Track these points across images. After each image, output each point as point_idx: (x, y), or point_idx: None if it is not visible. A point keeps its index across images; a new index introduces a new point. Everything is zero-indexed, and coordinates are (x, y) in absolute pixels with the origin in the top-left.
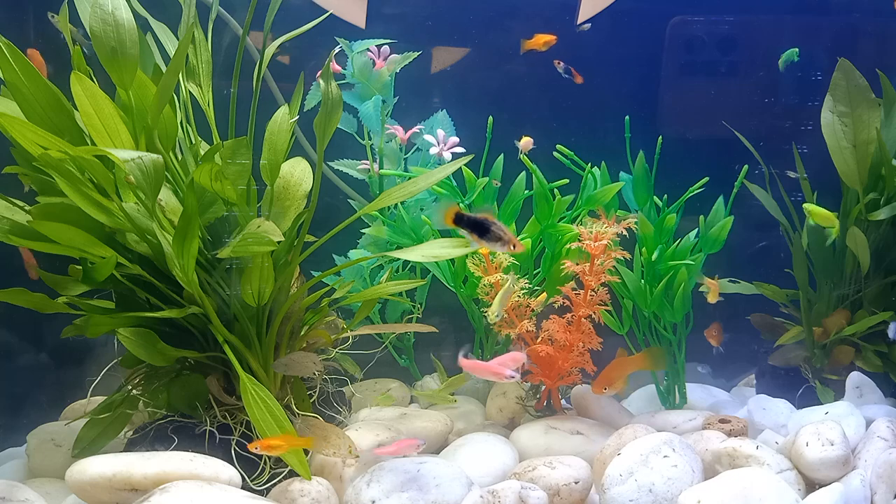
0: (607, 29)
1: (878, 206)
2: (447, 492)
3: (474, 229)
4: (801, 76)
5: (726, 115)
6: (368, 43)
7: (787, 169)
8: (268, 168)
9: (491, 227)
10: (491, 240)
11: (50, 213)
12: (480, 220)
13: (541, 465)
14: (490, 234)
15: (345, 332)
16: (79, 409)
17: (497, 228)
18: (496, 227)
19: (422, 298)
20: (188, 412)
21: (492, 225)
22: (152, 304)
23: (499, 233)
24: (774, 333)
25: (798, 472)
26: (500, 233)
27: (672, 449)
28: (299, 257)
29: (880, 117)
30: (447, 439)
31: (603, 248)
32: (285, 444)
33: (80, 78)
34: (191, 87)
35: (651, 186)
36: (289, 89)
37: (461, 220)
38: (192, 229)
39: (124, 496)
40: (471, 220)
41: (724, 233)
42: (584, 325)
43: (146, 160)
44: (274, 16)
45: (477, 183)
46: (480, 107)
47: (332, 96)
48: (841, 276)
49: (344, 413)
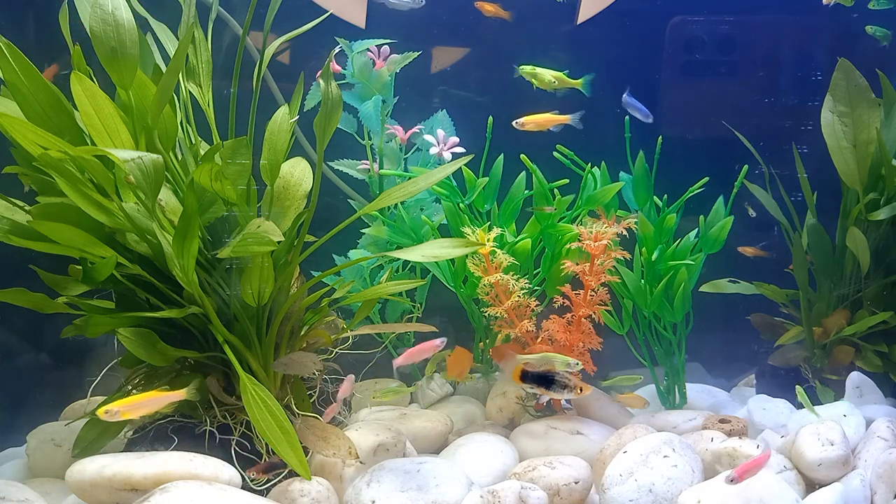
0: (607, 29)
1: (878, 206)
2: (447, 492)
3: (540, 383)
4: (801, 76)
5: (726, 115)
6: (368, 43)
7: (787, 169)
8: (268, 168)
9: (555, 378)
10: (557, 390)
11: (50, 213)
12: (544, 374)
13: (541, 465)
14: (556, 385)
15: (345, 332)
16: (79, 409)
17: (560, 378)
18: (560, 377)
19: (422, 298)
20: (188, 412)
21: (555, 376)
22: (152, 304)
23: (563, 381)
24: (774, 333)
25: (798, 472)
26: (565, 381)
27: (672, 449)
28: (299, 257)
29: (880, 117)
30: (447, 439)
31: (603, 248)
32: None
33: (80, 78)
34: (191, 87)
35: (651, 186)
36: (289, 89)
37: (527, 376)
38: (192, 229)
39: (124, 496)
40: (535, 375)
41: (724, 233)
42: (584, 325)
43: (146, 160)
44: (274, 16)
45: (477, 183)
46: (480, 107)
47: (332, 96)
48: (841, 276)
49: (344, 413)
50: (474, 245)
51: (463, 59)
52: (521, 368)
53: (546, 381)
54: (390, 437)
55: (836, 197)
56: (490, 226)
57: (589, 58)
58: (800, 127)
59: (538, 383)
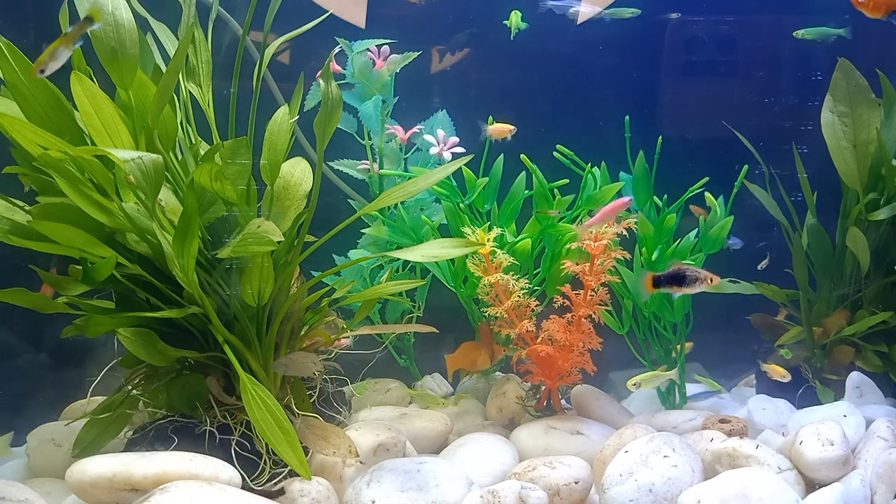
0: (608, 29)
1: (878, 206)
2: (447, 492)
3: (674, 282)
4: (801, 76)
5: (726, 115)
6: (368, 43)
7: (787, 169)
8: (268, 168)
9: (686, 274)
10: (690, 284)
11: (50, 213)
12: (675, 273)
13: (541, 465)
14: (687, 280)
15: (345, 332)
16: (79, 409)
17: (691, 272)
18: (690, 272)
19: (422, 298)
20: (188, 412)
21: (686, 271)
22: (152, 304)
23: (694, 275)
24: (774, 333)
25: (798, 472)
26: (695, 275)
27: (672, 449)
28: (299, 257)
29: (880, 117)
30: (447, 439)
31: (603, 248)
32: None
33: (80, 78)
34: (191, 87)
35: (651, 186)
36: (289, 89)
37: (660, 281)
38: (192, 229)
39: (124, 496)
40: (667, 277)
41: (724, 233)
42: (584, 325)
43: (146, 160)
44: (274, 16)
45: (477, 183)
46: (480, 107)
47: (332, 96)
48: (841, 276)
49: (344, 413)
50: (474, 245)
51: (463, 59)
52: (651, 276)
53: (679, 280)
54: (390, 437)
55: (836, 197)
56: (490, 226)
57: (589, 57)
58: (800, 127)
59: (671, 283)
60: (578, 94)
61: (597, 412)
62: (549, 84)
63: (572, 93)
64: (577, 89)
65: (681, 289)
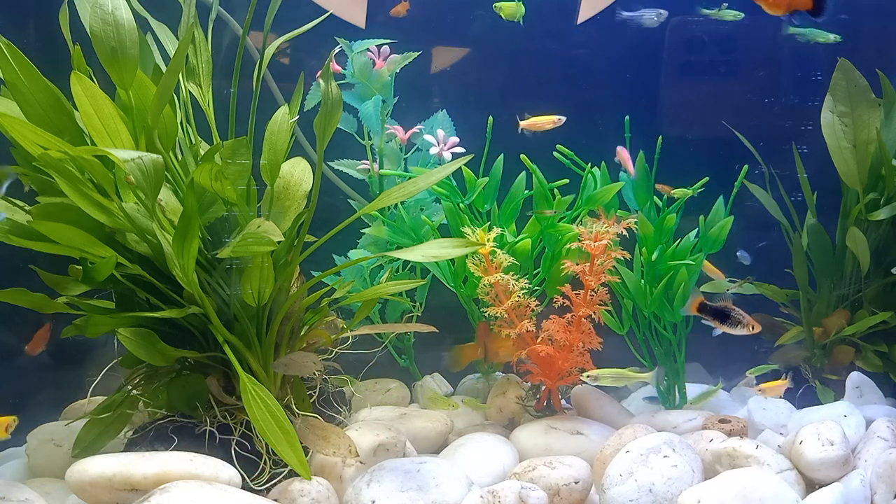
0: (608, 29)
1: (878, 206)
2: (447, 492)
3: (718, 316)
4: (801, 76)
5: (726, 115)
6: (368, 43)
7: (787, 169)
8: (268, 168)
9: (732, 314)
10: (732, 325)
11: (50, 213)
12: (722, 309)
13: (541, 465)
14: (730, 320)
15: (345, 332)
16: (79, 409)
17: (737, 314)
18: (736, 314)
19: (422, 298)
20: (188, 412)
21: (731, 312)
22: (152, 304)
23: (738, 318)
24: (774, 333)
25: (798, 472)
26: (740, 318)
27: (672, 449)
28: (299, 257)
29: (880, 117)
30: (447, 439)
31: (603, 248)
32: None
33: (80, 78)
34: (191, 87)
35: (651, 186)
36: (289, 89)
37: (705, 308)
38: (192, 229)
39: (124, 496)
40: (714, 309)
41: (724, 233)
42: (584, 325)
43: (146, 160)
44: (274, 16)
45: (477, 183)
46: (480, 107)
47: (332, 96)
48: (841, 276)
49: (344, 413)
50: (474, 245)
51: (463, 59)
52: (700, 301)
53: (722, 316)
54: (390, 437)
55: (836, 197)
56: (490, 226)
57: (589, 57)
58: (800, 127)
59: (715, 317)
60: (578, 94)
61: (597, 412)
62: (549, 84)
63: (572, 93)
64: (577, 89)
65: (721, 325)
